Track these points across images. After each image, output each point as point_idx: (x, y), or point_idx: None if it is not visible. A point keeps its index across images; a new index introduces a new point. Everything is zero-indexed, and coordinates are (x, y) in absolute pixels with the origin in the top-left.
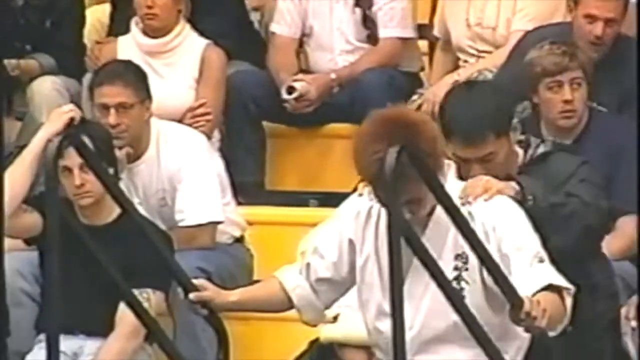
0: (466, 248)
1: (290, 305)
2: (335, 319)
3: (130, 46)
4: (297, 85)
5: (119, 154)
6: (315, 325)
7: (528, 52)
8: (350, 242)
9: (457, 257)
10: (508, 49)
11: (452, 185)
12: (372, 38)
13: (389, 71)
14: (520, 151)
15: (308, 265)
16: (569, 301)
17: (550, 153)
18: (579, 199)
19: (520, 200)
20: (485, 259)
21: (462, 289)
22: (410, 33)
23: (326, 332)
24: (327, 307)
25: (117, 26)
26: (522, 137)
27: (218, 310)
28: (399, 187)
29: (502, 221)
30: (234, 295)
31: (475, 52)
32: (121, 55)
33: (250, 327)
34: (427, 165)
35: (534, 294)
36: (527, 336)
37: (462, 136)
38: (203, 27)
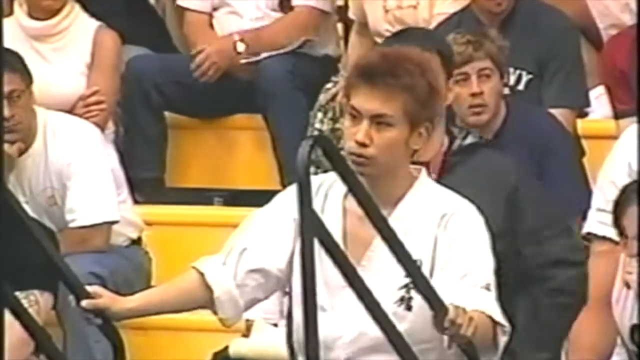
0: (422, 253)
1: (204, 301)
2: (247, 331)
3: (13, 30)
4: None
5: (11, 149)
6: (229, 326)
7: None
8: (296, 223)
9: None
10: None
11: (431, 190)
12: (286, 7)
13: (291, 58)
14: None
15: (244, 251)
16: (503, 340)
17: (480, 145)
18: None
19: None
20: (406, 262)
21: (410, 298)
22: (326, 6)
23: (236, 347)
24: (247, 308)
25: None
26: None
27: (114, 319)
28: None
29: (463, 238)
30: (132, 302)
31: None
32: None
33: (148, 338)
34: (342, 159)
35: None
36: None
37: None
38: (94, 8)
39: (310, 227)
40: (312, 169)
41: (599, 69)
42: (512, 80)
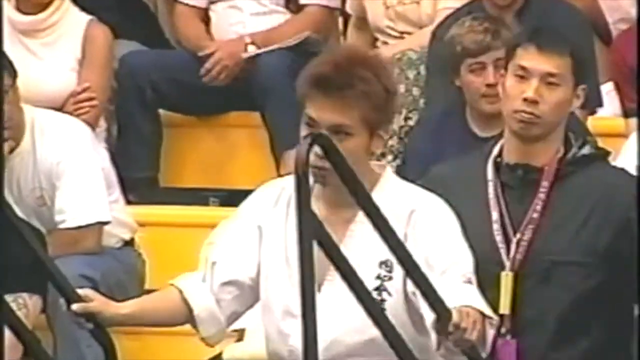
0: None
1: (188, 318)
2: (240, 336)
3: None
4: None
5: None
6: (213, 345)
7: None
8: (260, 230)
9: (382, 264)
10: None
11: (396, 187)
12: (292, 2)
13: (289, 54)
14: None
15: (213, 265)
16: (490, 333)
17: (596, 157)
18: None
19: None
20: (408, 264)
21: (383, 300)
22: (336, 3)
23: (230, 352)
24: (229, 324)
25: None
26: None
27: (106, 324)
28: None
29: (436, 233)
30: (124, 308)
31: (396, 34)
32: None
33: (141, 343)
34: (342, 157)
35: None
36: None
37: (539, 41)
38: (84, 2)
39: (309, 228)
40: None
41: (608, 64)
42: None
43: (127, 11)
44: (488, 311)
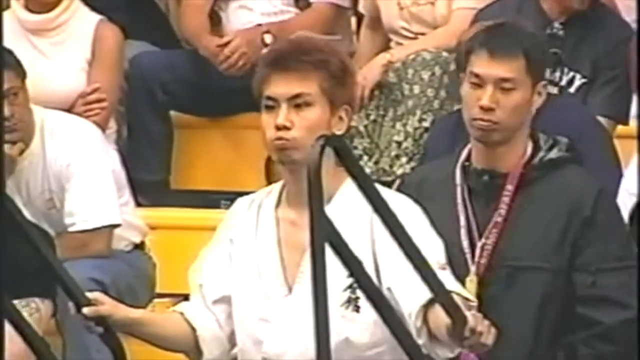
0: (360, 255)
1: (191, 339)
2: None
3: (10, 24)
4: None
5: (11, 150)
6: None
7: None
8: (231, 243)
9: None
10: (451, 29)
11: (352, 194)
12: (301, 2)
13: None
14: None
15: (201, 287)
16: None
17: (566, 160)
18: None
19: None
20: (419, 266)
21: (357, 298)
22: (345, 2)
23: None
24: (232, 346)
25: None
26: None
27: (116, 327)
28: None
29: (405, 223)
30: (134, 312)
31: (410, 35)
32: None
33: (152, 348)
34: (355, 159)
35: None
36: None
37: (490, 46)
38: (94, 1)
39: (322, 231)
40: None
41: (626, 66)
42: (564, 80)
43: (138, 11)
44: (467, 294)
